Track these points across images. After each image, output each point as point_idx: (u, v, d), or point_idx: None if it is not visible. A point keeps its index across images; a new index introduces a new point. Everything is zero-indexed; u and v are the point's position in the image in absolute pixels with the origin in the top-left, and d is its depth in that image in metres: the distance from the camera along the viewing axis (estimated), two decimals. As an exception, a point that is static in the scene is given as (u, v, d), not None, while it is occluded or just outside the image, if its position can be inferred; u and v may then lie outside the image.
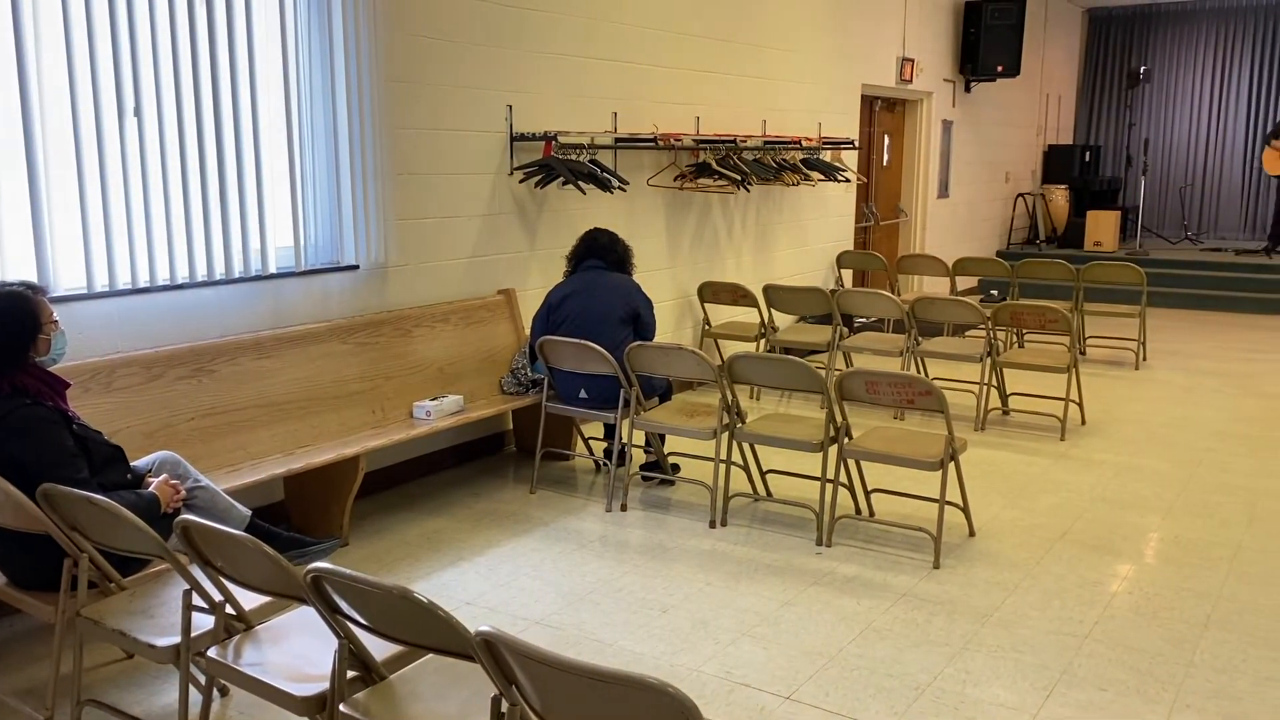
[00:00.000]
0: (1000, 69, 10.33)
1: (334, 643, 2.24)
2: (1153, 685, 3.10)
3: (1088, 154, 13.11)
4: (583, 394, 4.78)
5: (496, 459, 5.39)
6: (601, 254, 4.94)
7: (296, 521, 4.34)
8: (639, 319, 4.86)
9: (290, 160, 4.36)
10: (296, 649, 2.46)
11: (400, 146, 4.77)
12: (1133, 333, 8.01)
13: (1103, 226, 11.61)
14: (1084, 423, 6.08)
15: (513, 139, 5.31)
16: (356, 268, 4.65)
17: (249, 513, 3.52)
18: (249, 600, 2.63)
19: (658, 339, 5.03)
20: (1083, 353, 8.03)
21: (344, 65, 4.43)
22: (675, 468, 5.05)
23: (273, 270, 4.33)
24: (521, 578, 3.91)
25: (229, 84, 4.07)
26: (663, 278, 6.60)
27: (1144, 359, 7.80)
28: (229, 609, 2.56)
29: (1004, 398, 6.31)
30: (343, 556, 4.09)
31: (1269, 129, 12.08)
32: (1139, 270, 7.52)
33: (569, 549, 4.19)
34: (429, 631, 2.05)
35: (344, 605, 2.18)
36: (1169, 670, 3.19)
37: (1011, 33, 10.25)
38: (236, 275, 4.19)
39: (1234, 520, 4.50)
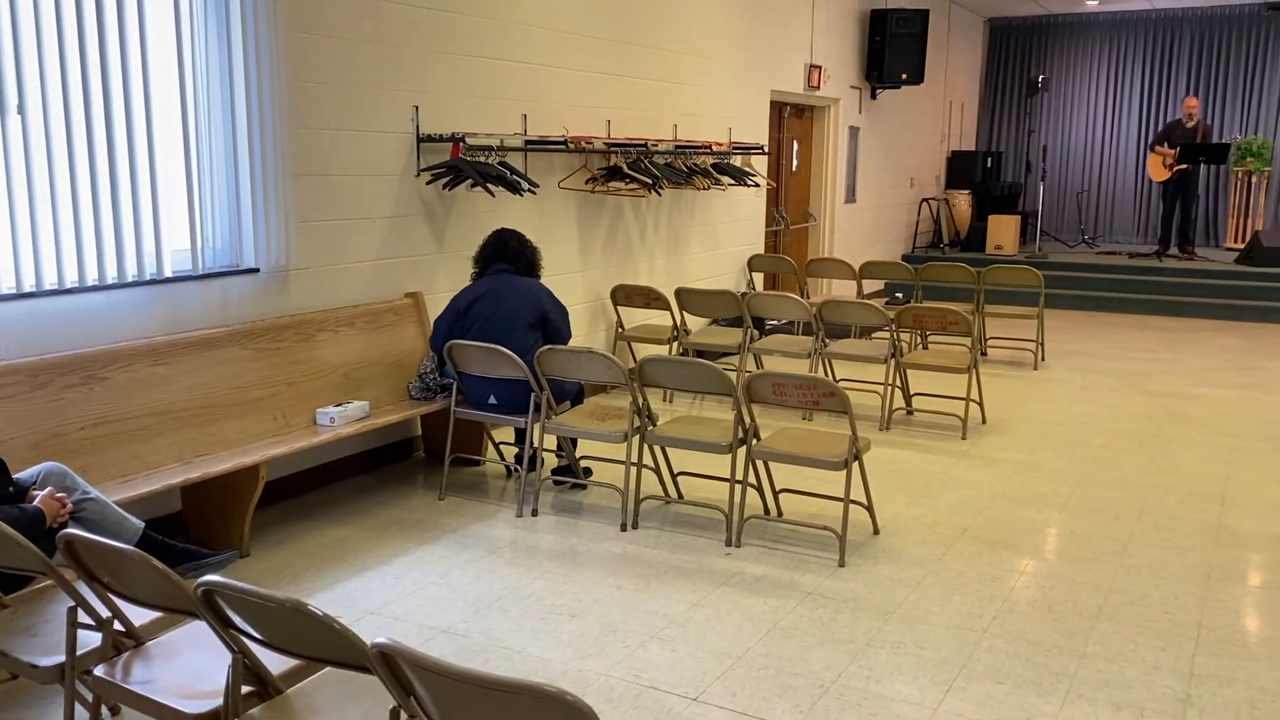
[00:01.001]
0: (905, 77, 10.57)
1: (228, 658, 2.18)
2: (1047, 677, 3.20)
3: (989, 160, 13.49)
4: (492, 399, 4.74)
5: (404, 466, 5.31)
6: (511, 258, 4.90)
7: (195, 533, 4.21)
8: (548, 322, 4.83)
9: (186, 160, 4.24)
10: (189, 665, 2.39)
11: (303, 147, 4.67)
12: (1032, 334, 8.26)
13: (1003, 230, 11.96)
14: (984, 421, 6.25)
15: (419, 140, 5.24)
16: (257, 271, 4.54)
17: (142, 525, 3.41)
18: (139, 616, 2.54)
19: (571, 342, 5.01)
20: (984, 353, 8.25)
21: (243, 64, 4.32)
22: (587, 471, 5.04)
23: (168, 274, 4.20)
24: (428, 586, 3.85)
25: (120, 81, 3.94)
26: (575, 280, 6.59)
27: (1042, 359, 8.05)
28: (117, 625, 2.47)
29: (908, 398, 6.45)
30: (243, 568, 3.98)
31: (1154, 136, 12.57)
32: (1037, 273, 7.76)
33: (478, 555, 4.15)
34: (325, 644, 2.00)
35: (237, 619, 2.12)
36: (1063, 662, 3.29)
37: (915, 41, 10.49)
38: (129, 279, 4.05)
39: (1125, 515, 4.67)
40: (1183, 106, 11.67)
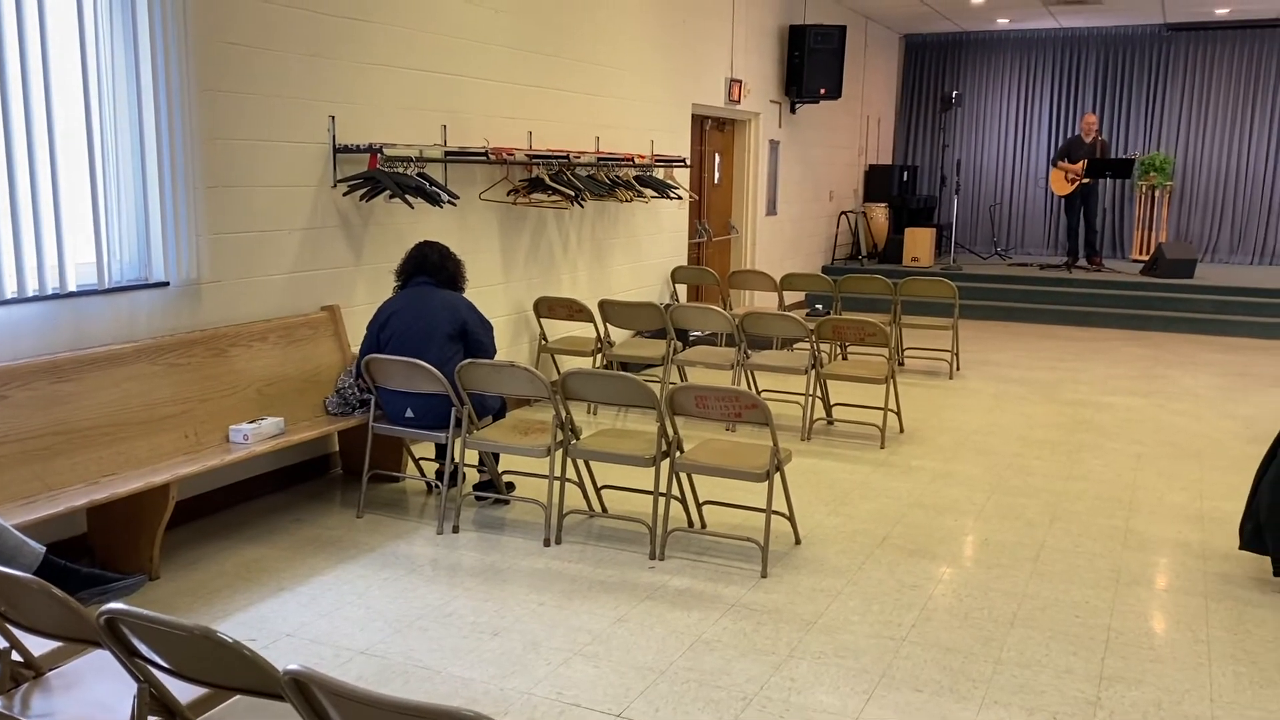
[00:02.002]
0: (823, 91, 10.74)
1: (134, 687, 2.10)
2: (964, 683, 3.25)
3: (905, 174, 13.78)
4: (409, 414, 4.67)
5: (322, 483, 5.21)
6: (431, 271, 4.82)
7: (101, 556, 4.07)
8: (469, 335, 4.76)
9: (91, 171, 4.10)
10: (93, 696, 2.30)
11: (214, 157, 4.56)
12: (947, 344, 8.45)
13: (920, 243, 12.21)
14: (902, 431, 6.36)
15: (336, 151, 5.15)
16: (167, 284, 4.41)
17: (43, 549, 3.28)
18: (39, 646, 2.43)
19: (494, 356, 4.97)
20: (901, 363, 8.41)
21: (151, 72, 4.20)
22: (510, 487, 4.99)
23: (72, 288, 4.06)
24: (346, 606, 3.78)
25: (19, 88, 3.79)
26: (497, 293, 6.54)
27: (957, 369, 8.24)
28: (15, 655, 2.36)
29: (828, 408, 6.53)
30: (153, 591, 3.86)
31: (1056, 152, 12.98)
32: (951, 285, 7.94)
33: (398, 574, 4.08)
34: (235, 672, 1.94)
35: (143, 647, 2.05)
36: (979, 668, 3.36)
37: (833, 57, 10.68)
38: (30, 294, 3.90)
39: (1038, 521, 4.79)
40: (1082, 123, 12.08)
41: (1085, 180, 11.69)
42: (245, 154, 4.71)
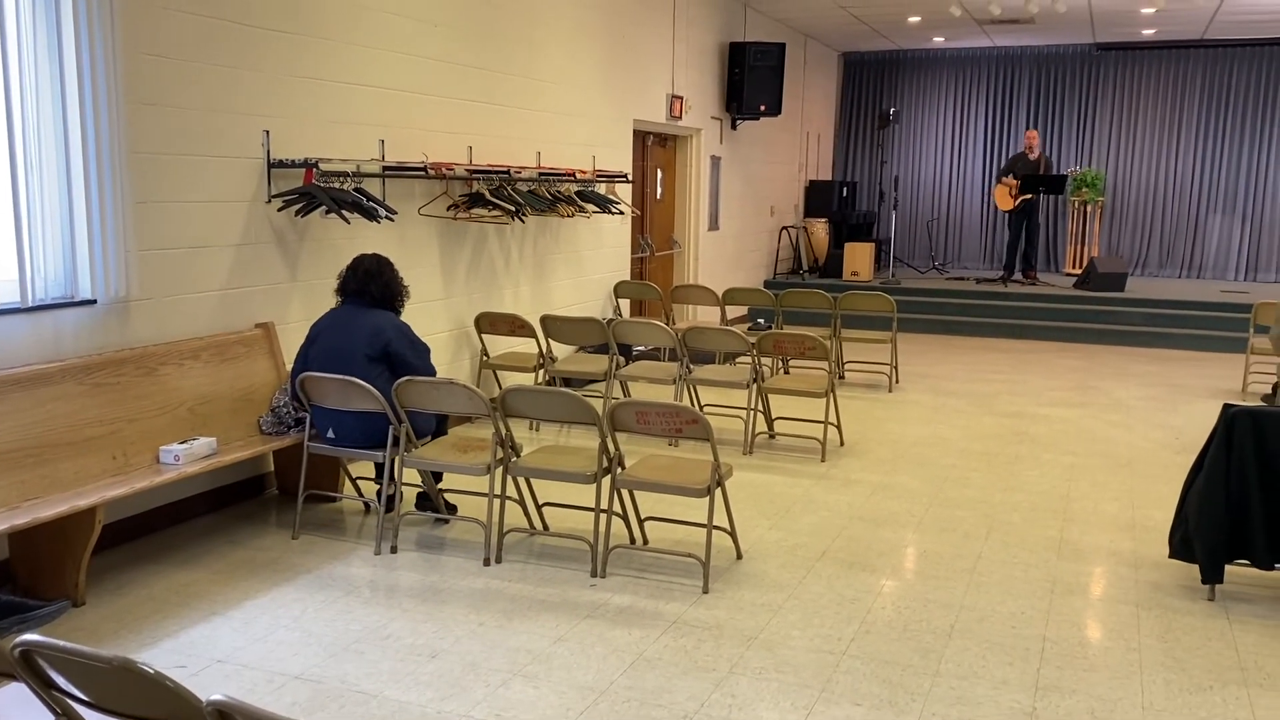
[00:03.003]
0: (763, 108, 10.84)
1: (50, 722, 2.02)
2: (903, 696, 3.27)
3: (845, 189, 13.95)
4: (331, 434, 4.59)
5: (256, 503, 5.10)
6: (361, 285, 4.69)
7: (24, 583, 3.94)
8: (393, 357, 4.58)
9: (14, 185, 3.99)
10: (8, 731, 2.21)
11: (143, 172, 4.46)
12: (886, 357, 8.54)
13: (859, 257, 12.36)
14: (842, 444, 6.42)
15: (270, 165, 5.07)
16: (94, 302, 4.30)
17: (-40, 577, 3.16)
18: (-49, 679, 2.34)
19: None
20: (841, 377, 8.48)
21: (77, 85, 4.10)
22: (452, 508, 4.93)
23: (-8, 306, 3.94)
24: (280, 630, 3.69)
25: (-63, 101, 3.68)
26: (438, 309, 6.48)
27: (896, 382, 8.33)
28: (-75, 691, 2.27)
29: (770, 422, 6.57)
30: (78, 618, 3.74)
31: (1001, 167, 13.25)
32: (890, 299, 8.04)
33: (334, 596, 4.00)
34: (158, 703, 1.88)
35: (60, 680, 1.98)
36: (917, 681, 3.38)
37: (773, 74, 10.78)
38: (-52, 312, 3.78)
39: (974, 533, 4.85)
40: (1025, 139, 12.34)
41: (1028, 196, 11.92)
42: (176, 168, 4.62)
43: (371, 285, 4.69)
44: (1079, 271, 12.81)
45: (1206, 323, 10.62)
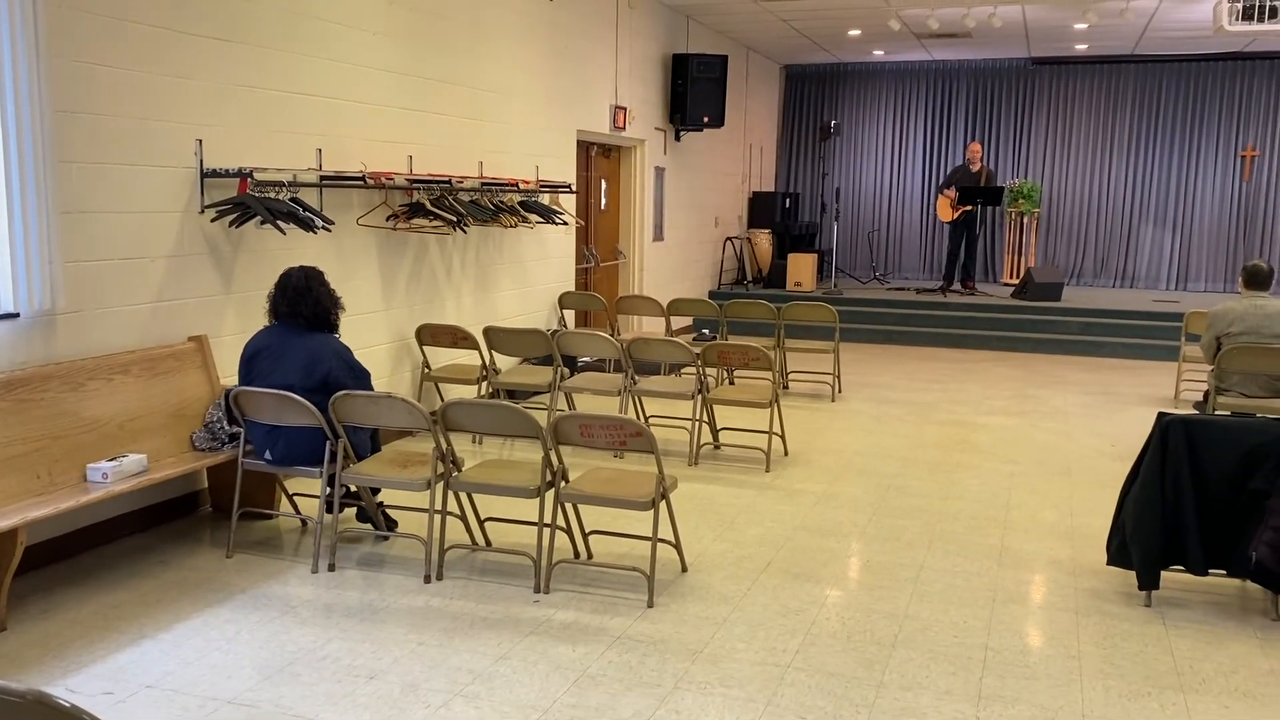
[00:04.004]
0: (706, 120, 10.88)
1: (-40, 758, 1.92)
2: (847, 708, 3.26)
3: (788, 201, 14.05)
4: (268, 455, 4.48)
5: (189, 522, 4.96)
6: (292, 307, 4.51)
7: (-60, 608, 3.78)
8: (334, 386, 4.41)
9: (-71, 195, 3.84)
10: (-84, 768, 2.10)
11: (70, 182, 4.33)
12: (829, 367, 8.59)
13: (802, 268, 12.44)
14: (787, 454, 6.43)
15: (203, 175, 4.95)
16: (17, 316, 4.15)
17: None
18: None
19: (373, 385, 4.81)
20: (785, 387, 8.52)
21: (-2, 90, 3.96)
22: (391, 524, 4.83)
23: (-93, 320, 3.78)
24: (213, 652, 3.58)
25: None
26: (377, 320, 6.38)
27: (839, 391, 8.39)
28: None
29: (715, 433, 6.56)
30: (-2, 645, 3.60)
31: (942, 180, 13.44)
32: (832, 310, 8.09)
33: (269, 616, 3.90)
34: (75, 737, 1.79)
35: (-29, 714, 1.88)
36: (862, 692, 3.37)
37: (716, 86, 10.83)
38: None
39: (917, 542, 4.87)
40: (968, 152, 12.54)
41: (968, 207, 12.10)
42: (104, 178, 4.49)
43: (302, 305, 4.52)
44: (1016, 282, 13.03)
45: (1140, 331, 10.85)
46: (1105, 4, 10.02)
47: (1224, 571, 4.13)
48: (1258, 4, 8.14)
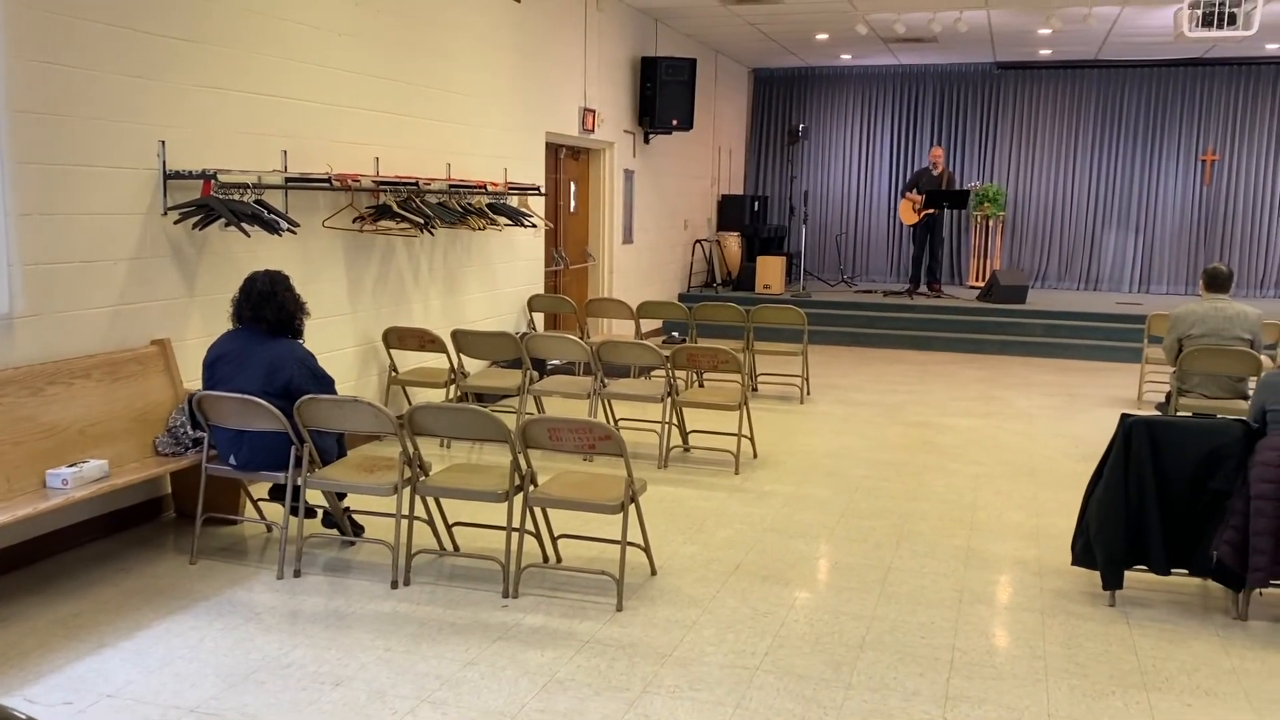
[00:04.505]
0: (675, 122, 10.89)
1: (-87, 773, 1.88)
2: (816, 711, 3.27)
3: (756, 203, 14.09)
4: (233, 460, 4.43)
5: (152, 528, 4.89)
6: (255, 311, 4.46)
7: (-106, 618, 3.70)
8: (297, 393, 4.33)
9: (-117, 196, 3.76)
10: None
11: (28, 183, 4.26)
12: (798, 369, 8.63)
13: (771, 271, 12.49)
14: (756, 456, 6.44)
15: (166, 177, 4.89)
16: (-27, 319, 4.08)
17: None
18: None
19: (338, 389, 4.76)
20: (754, 389, 8.54)
21: (-47, 90, 3.89)
22: (359, 529, 4.78)
23: None
24: (176, 661, 3.53)
25: None
26: (343, 323, 6.33)
27: (808, 393, 8.42)
28: None
29: (684, 435, 6.56)
30: (-46, 655, 3.53)
31: (906, 182, 13.53)
32: (800, 312, 8.13)
33: (234, 623, 3.85)
34: (31, 750, 1.76)
35: (-77, 728, 1.84)
36: (830, 694, 3.38)
37: (684, 89, 10.84)
38: None
39: (885, 543, 4.90)
40: (930, 155, 12.64)
41: (930, 210, 12.20)
42: (65, 179, 4.42)
43: (266, 310, 4.46)
44: (982, 284, 13.14)
45: (1103, 333, 10.98)
46: (1069, 10, 10.14)
47: (1186, 571, 4.18)
48: (1217, 11, 8.27)
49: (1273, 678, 3.56)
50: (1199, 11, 8.30)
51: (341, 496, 4.70)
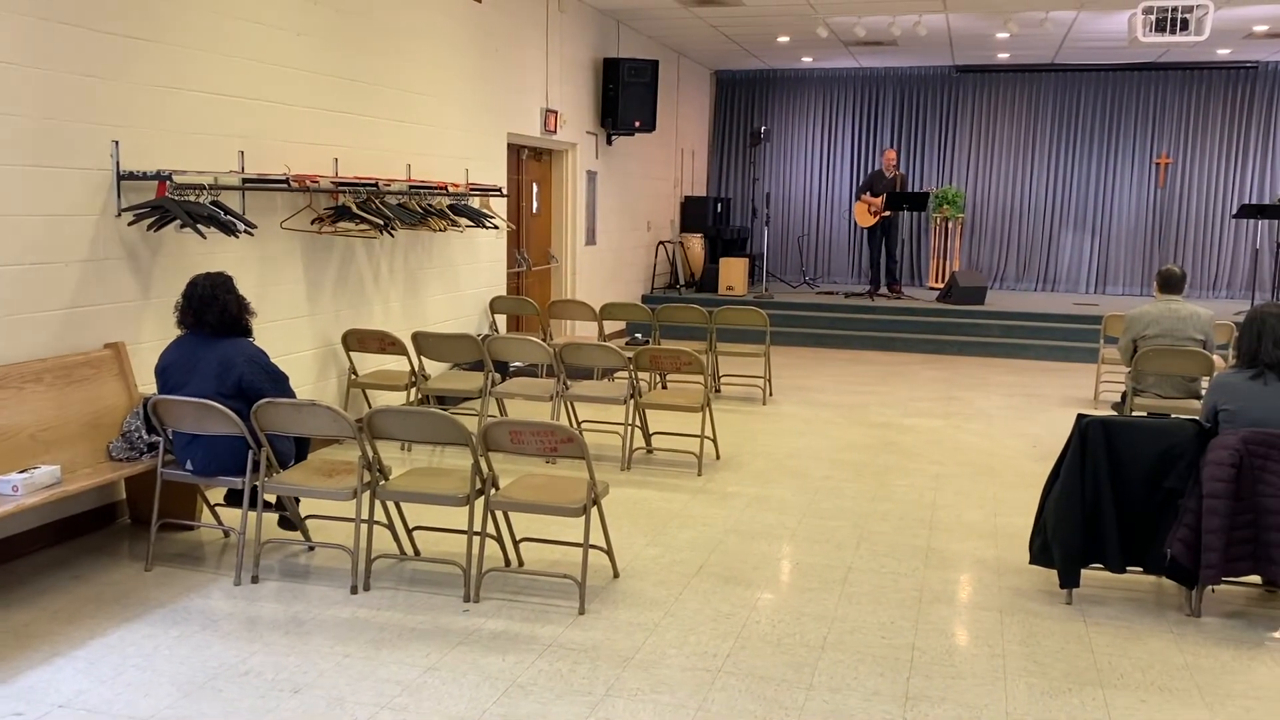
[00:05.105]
0: (638, 124, 10.89)
1: None
2: (778, 712, 3.28)
3: (719, 205, 14.13)
4: (189, 466, 4.37)
5: (106, 534, 4.81)
6: (198, 316, 4.39)
7: None
8: (252, 392, 4.31)
9: None
10: None
11: (-24, 183, 4.17)
12: (761, 370, 8.66)
13: (734, 272, 12.53)
14: (719, 457, 6.46)
15: (120, 178, 4.81)
16: (-81, 323, 3.98)
17: None
18: None
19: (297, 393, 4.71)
20: (717, 390, 8.56)
21: (-103, 88, 3.80)
22: (290, 523, 4.71)
23: None
24: (130, 670, 3.48)
25: None
26: (302, 326, 6.26)
27: (770, 394, 8.45)
28: None
29: (647, 437, 6.56)
30: (-101, 667, 3.44)
31: (860, 185, 13.63)
32: (762, 314, 8.16)
33: (190, 631, 3.79)
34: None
35: None
36: (792, 696, 3.39)
37: (647, 90, 10.85)
38: None
39: (846, 543, 4.93)
40: (883, 159, 12.75)
41: (886, 213, 12.31)
42: (13, 180, 4.33)
43: (208, 314, 4.39)
44: (942, 285, 13.26)
45: (1060, 334, 11.13)
46: (1026, 14, 10.27)
47: (1141, 569, 4.24)
48: (1170, 16, 8.41)
49: (1225, 673, 3.62)
50: (1153, 17, 8.43)
51: (297, 501, 4.65)
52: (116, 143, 4.80)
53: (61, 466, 4.27)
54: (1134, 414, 6.30)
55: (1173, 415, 5.92)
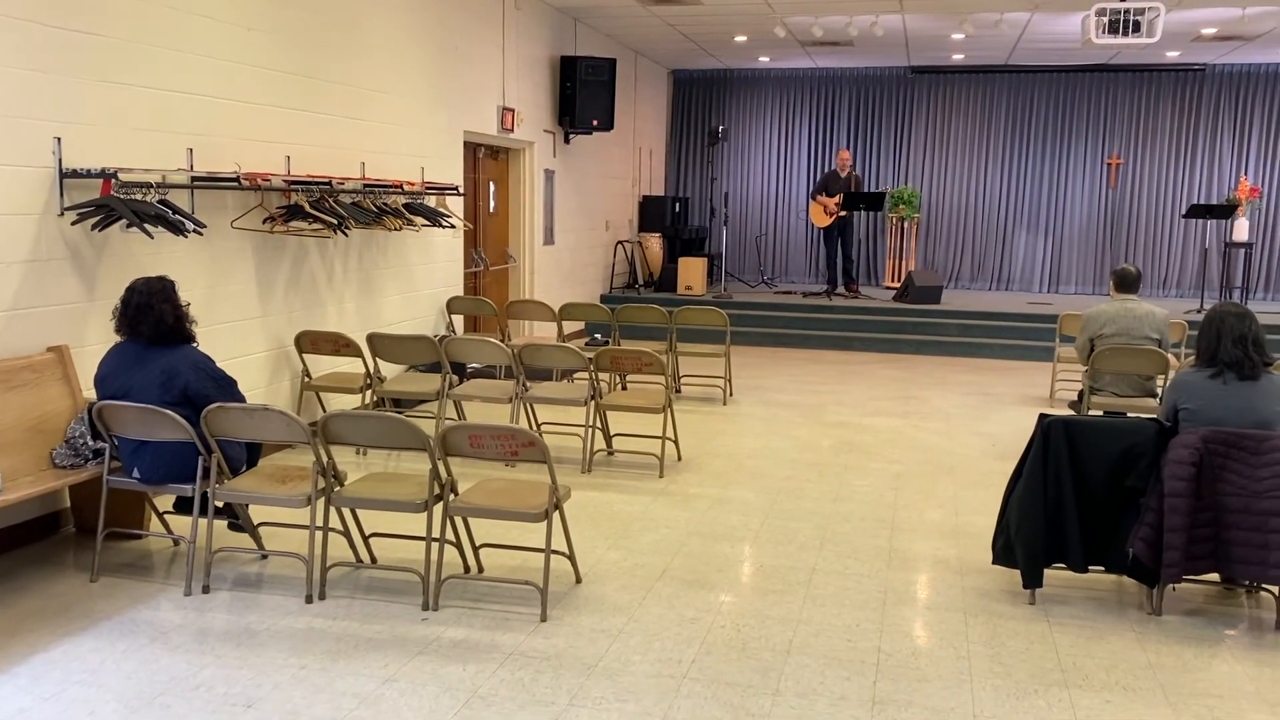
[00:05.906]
0: (596, 123, 10.82)
1: None
2: (744, 718, 3.23)
3: (678, 205, 14.10)
4: (136, 474, 4.23)
5: (50, 544, 4.65)
6: (133, 325, 4.24)
7: None
8: (198, 398, 4.19)
9: None
10: None
11: (-91, 181, 4.00)
12: (721, 370, 8.63)
13: (693, 272, 12.50)
14: (680, 459, 6.41)
15: (62, 175, 4.65)
16: None
17: None
18: None
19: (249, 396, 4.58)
20: (678, 391, 8.51)
21: None
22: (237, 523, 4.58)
23: None
24: (73, 686, 3.35)
25: None
26: (253, 327, 6.11)
27: (731, 394, 8.43)
28: None
29: (608, 439, 6.50)
30: None
31: (815, 185, 13.68)
32: (722, 314, 8.12)
33: (137, 644, 3.66)
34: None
35: None
36: (758, 702, 3.35)
37: (604, 89, 10.78)
38: None
39: (809, 544, 4.90)
40: (837, 159, 12.81)
41: (842, 213, 12.35)
42: (-52, 177, 4.17)
43: (142, 325, 4.24)
44: (898, 285, 13.34)
45: (1016, 333, 11.23)
46: (981, 15, 10.34)
47: (1103, 567, 4.25)
48: (1123, 18, 8.51)
49: (1186, 672, 3.64)
50: (1106, 19, 8.52)
51: (246, 507, 4.52)
52: (59, 139, 4.64)
53: (2, 474, 4.11)
54: (1091, 413, 6.34)
55: (1129, 414, 5.97)
